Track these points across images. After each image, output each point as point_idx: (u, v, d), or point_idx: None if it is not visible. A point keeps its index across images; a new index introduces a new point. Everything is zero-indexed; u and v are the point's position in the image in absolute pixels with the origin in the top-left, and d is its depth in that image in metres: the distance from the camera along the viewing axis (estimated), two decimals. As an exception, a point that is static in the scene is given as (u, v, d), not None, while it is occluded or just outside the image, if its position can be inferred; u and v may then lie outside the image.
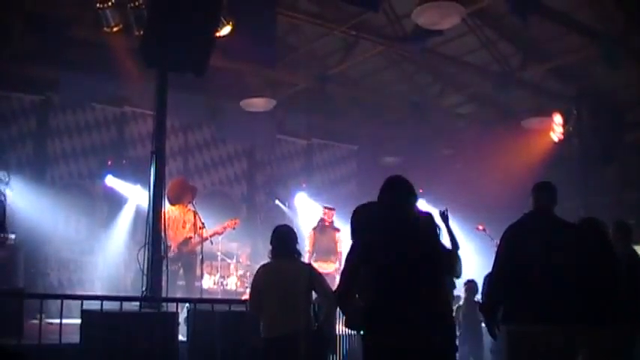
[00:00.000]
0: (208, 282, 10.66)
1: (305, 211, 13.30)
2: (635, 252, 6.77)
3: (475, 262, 11.09)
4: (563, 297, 4.54)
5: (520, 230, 4.98)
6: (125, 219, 11.68)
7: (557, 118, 12.01)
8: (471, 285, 7.74)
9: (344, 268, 4.18)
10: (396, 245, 3.83)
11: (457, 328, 6.93)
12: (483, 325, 7.43)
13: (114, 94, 12.13)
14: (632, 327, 5.45)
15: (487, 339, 7.55)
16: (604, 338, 4.79)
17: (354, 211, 4.45)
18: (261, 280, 5.65)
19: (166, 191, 8.00)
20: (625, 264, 5.69)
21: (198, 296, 8.93)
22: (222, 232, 9.89)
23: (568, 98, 12.33)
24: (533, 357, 4.57)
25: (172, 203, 9.03)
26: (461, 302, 9.47)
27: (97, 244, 11.69)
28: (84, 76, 11.42)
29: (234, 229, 10.08)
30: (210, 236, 9.53)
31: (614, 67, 10.19)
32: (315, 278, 5.56)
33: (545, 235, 4.80)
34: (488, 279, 7.79)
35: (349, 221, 4.44)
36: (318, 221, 11.18)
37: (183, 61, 7.43)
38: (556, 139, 12.02)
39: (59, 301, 6.42)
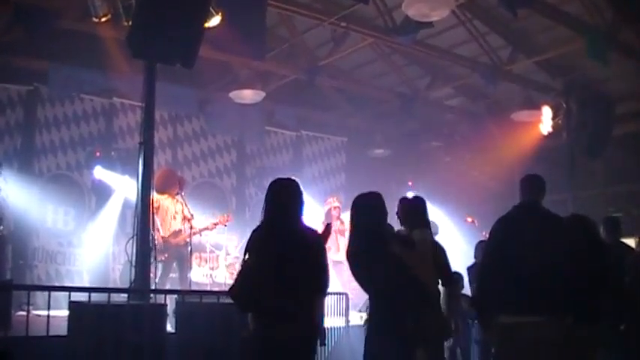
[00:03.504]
0: (198, 274, 10.65)
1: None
2: (622, 247, 6.80)
3: (464, 254, 11.16)
4: (552, 290, 4.56)
5: (509, 224, 4.99)
6: (113, 211, 11.62)
7: (546, 111, 12.04)
8: (456, 277, 7.73)
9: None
10: None
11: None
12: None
13: (102, 85, 12.04)
14: (610, 326, 5.47)
15: (472, 330, 7.57)
16: (584, 334, 4.80)
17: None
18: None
19: (154, 179, 7.93)
20: (614, 261, 5.71)
21: (188, 288, 8.93)
22: (212, 229, 9.86)
23: (557, 91, 12.36)
24: (523, 348, 4.59)
25: (158, 192, 8.89)
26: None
27: (85, 235, 11.65)
28: (72, 67, 11.36)
29: (225, 225, 10.05)
30: (200, 231, 9.53)
31: (601, 62, 10.23)
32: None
33: (534, 228, 4.81)
34: (473, 271, 7.83)
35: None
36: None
37: (172, 52, 7.38)
38: (545, 132, 12.05)
39: (47, 293, 6.41)
